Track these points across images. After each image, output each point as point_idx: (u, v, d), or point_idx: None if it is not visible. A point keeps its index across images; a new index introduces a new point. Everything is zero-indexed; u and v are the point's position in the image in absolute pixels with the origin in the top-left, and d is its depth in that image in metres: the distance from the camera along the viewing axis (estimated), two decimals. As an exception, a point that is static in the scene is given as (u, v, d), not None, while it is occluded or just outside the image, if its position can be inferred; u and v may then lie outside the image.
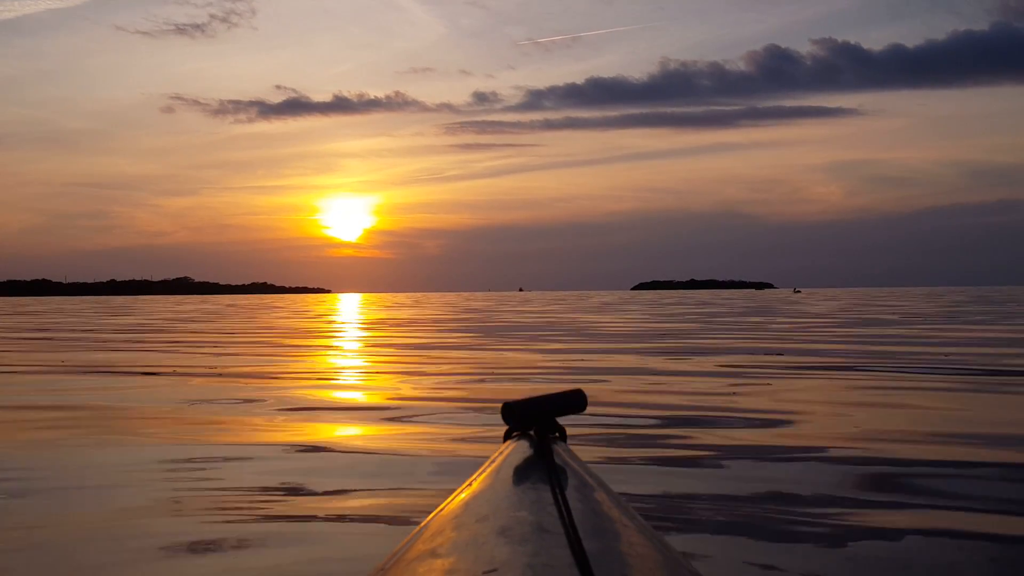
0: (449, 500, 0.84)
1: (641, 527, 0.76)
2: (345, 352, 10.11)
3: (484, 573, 0.58)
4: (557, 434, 1.10)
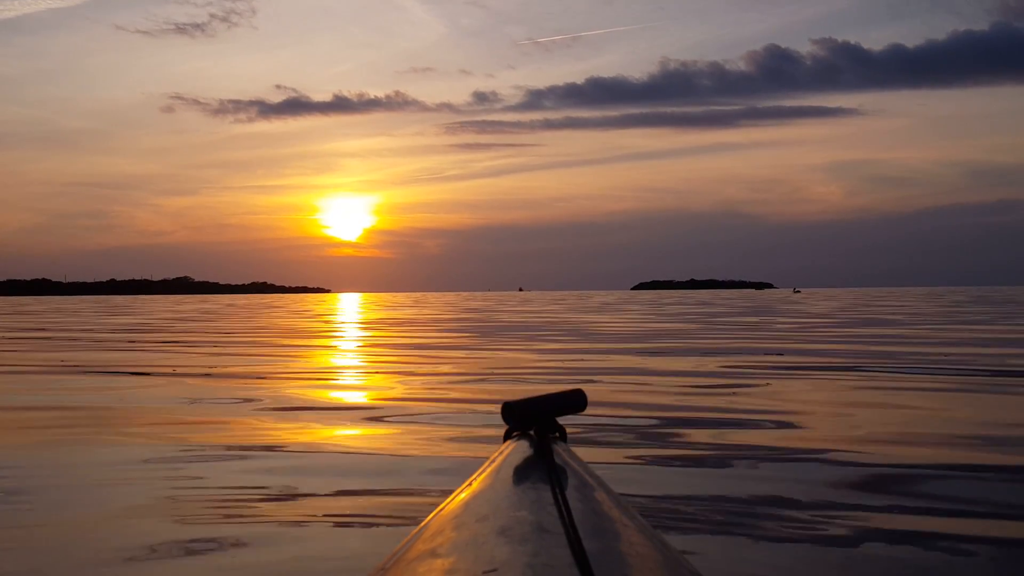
0: (449, 500, 0.84)
1: (641, 527, 0.76)
2: (343, 352, 10.10)
3: (484, 573, 0.58)
4: (557, 434, 1.10)
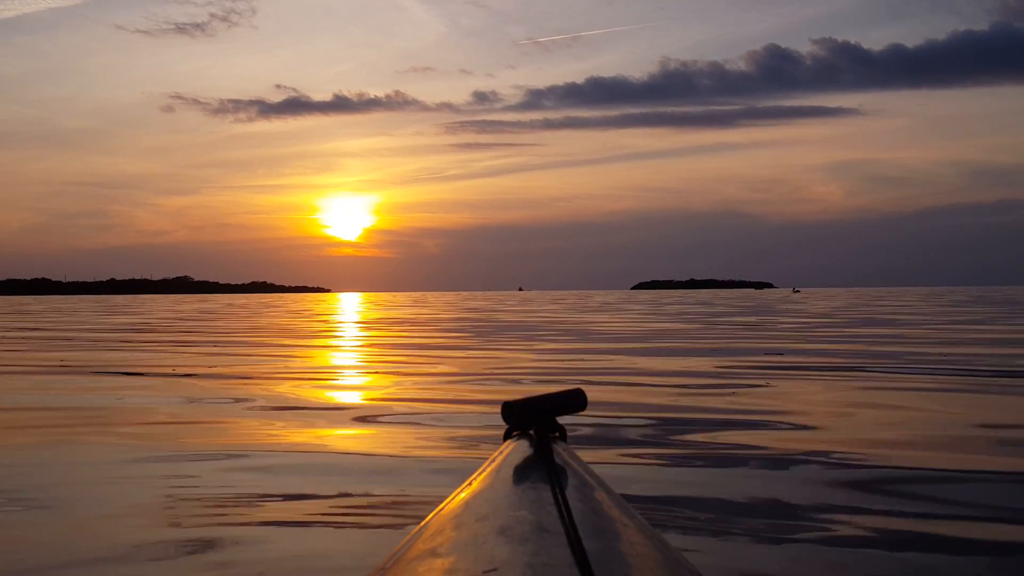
0: (449, 499, 0.84)
1: (641, 526, 0.76)
2: (343, 352, 10.10)
3: (484, 572, 0.58)
4: (557, 434, 1.10)
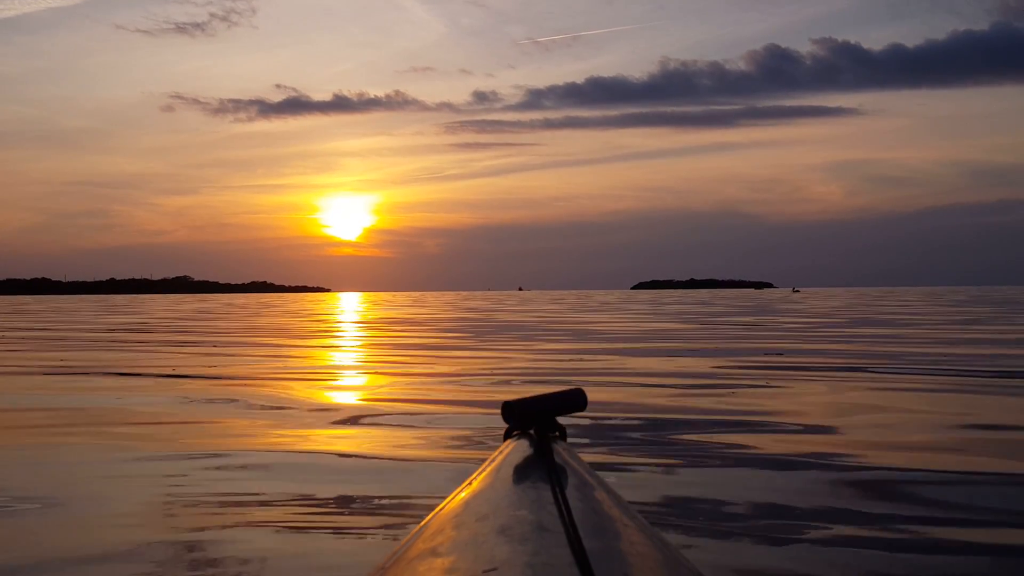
0: (449, 499, 0.84)
1: (641, 526, 0.76)
2: (342, 352, 10.10)
3: (484, 572, 0.58)
4: (557, 433, 1.10)
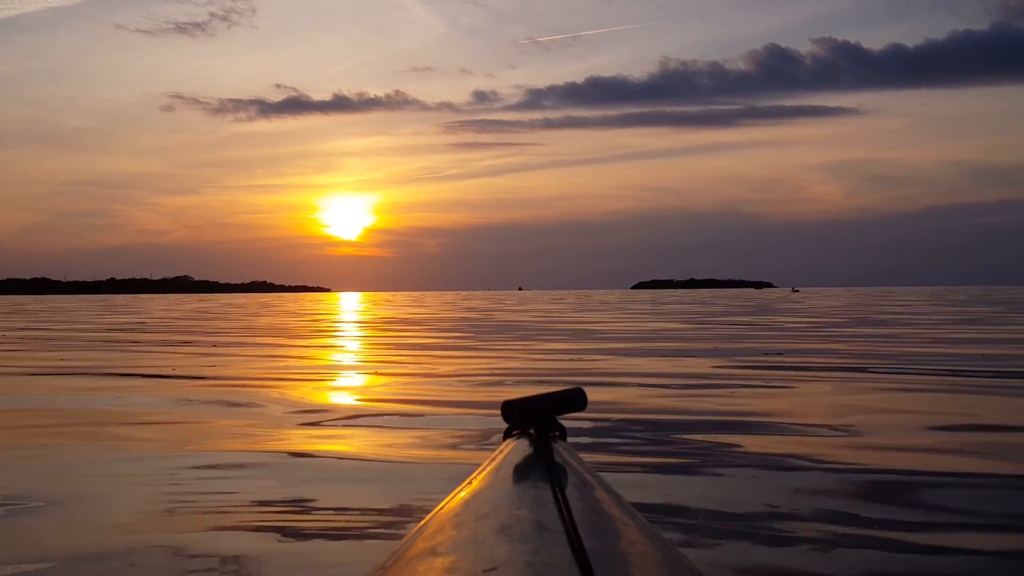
0: (449, 498, 0.84)
1: (641, 525, 0.76)
2: (342, 352, 10.10)
3: (484, 571, 0.58)
4: (557, 433, 1.10)
